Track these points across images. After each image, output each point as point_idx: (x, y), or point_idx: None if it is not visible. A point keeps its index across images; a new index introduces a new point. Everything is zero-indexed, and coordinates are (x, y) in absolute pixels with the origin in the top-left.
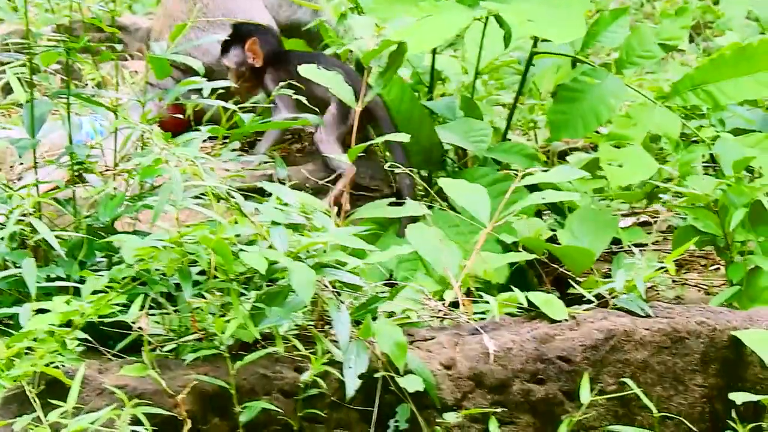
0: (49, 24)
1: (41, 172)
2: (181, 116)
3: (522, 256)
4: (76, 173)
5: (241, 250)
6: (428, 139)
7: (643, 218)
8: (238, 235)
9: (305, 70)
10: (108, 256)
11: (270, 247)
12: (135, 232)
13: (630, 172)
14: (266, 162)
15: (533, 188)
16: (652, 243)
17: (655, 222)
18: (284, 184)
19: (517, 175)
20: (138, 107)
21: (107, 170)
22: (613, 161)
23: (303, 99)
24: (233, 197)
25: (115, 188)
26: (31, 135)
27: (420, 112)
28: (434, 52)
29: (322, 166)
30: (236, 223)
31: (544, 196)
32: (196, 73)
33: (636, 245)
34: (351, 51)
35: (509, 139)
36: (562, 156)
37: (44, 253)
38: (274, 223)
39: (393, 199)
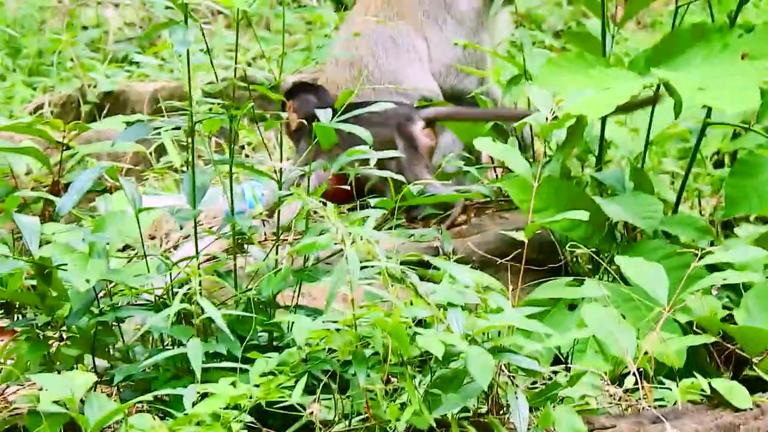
0: (200, 83)
1: (199, 243)
2: (345, 187)
3: (702, 339)
4: (237, 244)
5: (417, 333)
6: (594, 213)
7: None
8: (414, 318)
9: (480, 143)
10: (268, 331)
11: (446, 329)
12: (298, 307)
13: None
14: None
15: (710, 265)
16: None
17: None
18: (450, 258)
19: (689, 248)
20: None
21: (266, 240)
22: None
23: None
24: (408, 277)
25: (277, 260)
26: (192, 205)
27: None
28: (603, 120)
29: (492, 237)
30: (411, 303)
31: (726, 278)
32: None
33: None
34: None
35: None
36: (727, 226)
37: (204, 327)
38: (450, 304)
39: (569, 278)
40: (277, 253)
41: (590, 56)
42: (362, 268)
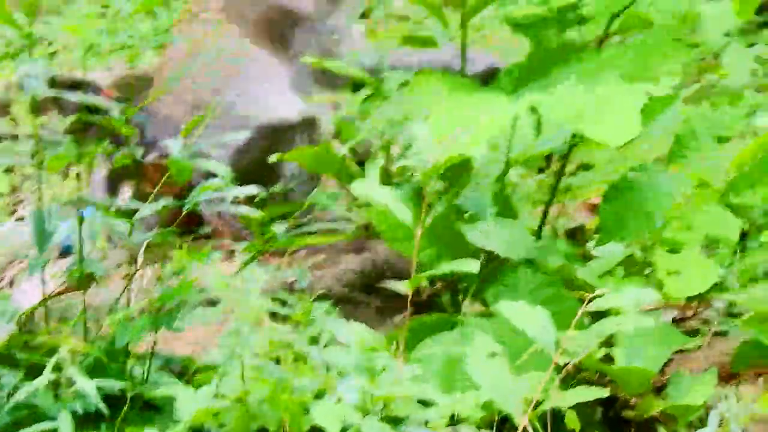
0: None
1: (31, 281)
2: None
3: (596, 393)
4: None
5: (310, 407)
6: (456, 240)
7: (677, 314)
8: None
9: (359, 188)
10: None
11: (338, 400)
12: (154, 356)
13: (690, 282)
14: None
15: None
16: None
17: (706, 325)
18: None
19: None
20: None
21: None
22: (670, 269)
23: None
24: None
25: (128, 302)
26: (40, 249)
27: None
28: None
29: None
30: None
31: (620, 323)
32: None
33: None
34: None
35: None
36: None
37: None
38: (340, 373)
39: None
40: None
41: (453, 77)
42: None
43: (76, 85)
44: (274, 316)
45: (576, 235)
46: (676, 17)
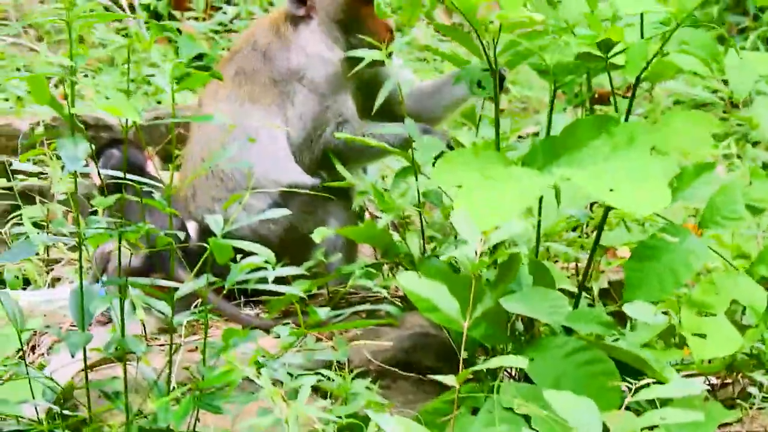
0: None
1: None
2: None
3: None
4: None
5: None
6: (494, 310)
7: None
8: None
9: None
10: None
11: None
12: None
13: (715, 345)
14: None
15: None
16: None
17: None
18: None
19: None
20: None
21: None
22: (696, 332)
23: None
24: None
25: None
26: (81, 327)
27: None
28: None
29: (390, 342)
30: None
31: (665, 417)
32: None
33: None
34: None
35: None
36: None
37: None
38: None
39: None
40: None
41: (487, 152)
42: None
43: (115, 142)
44: (315, 390)
45: (609, 293)
46: (705, 64)
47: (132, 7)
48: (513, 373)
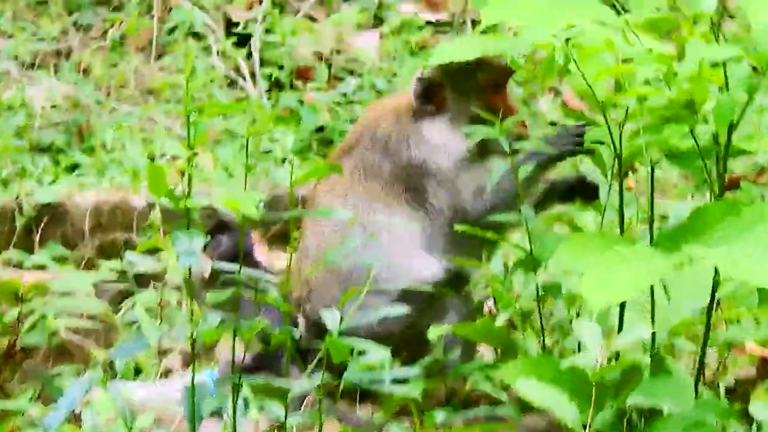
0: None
1: None
2: None
3: None
4: None
5: None
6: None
7: None
8: None
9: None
10: None
11: None
12: None
13: None
14: None
15: None
16: None
17: None
18: None
19: None
20: None
21: None
22: None
23: None
24: None
25: None
26: (191, 427)
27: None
28: (623, 305)
29: None
30: None
31: None
32: None
33: None
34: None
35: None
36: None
37: None
38: None
39: None
40: None
41: (609, 233)
42: None
43: (222, 226)
44: None
45: (737, 391)
46: None
47: (253, 76)
48: None
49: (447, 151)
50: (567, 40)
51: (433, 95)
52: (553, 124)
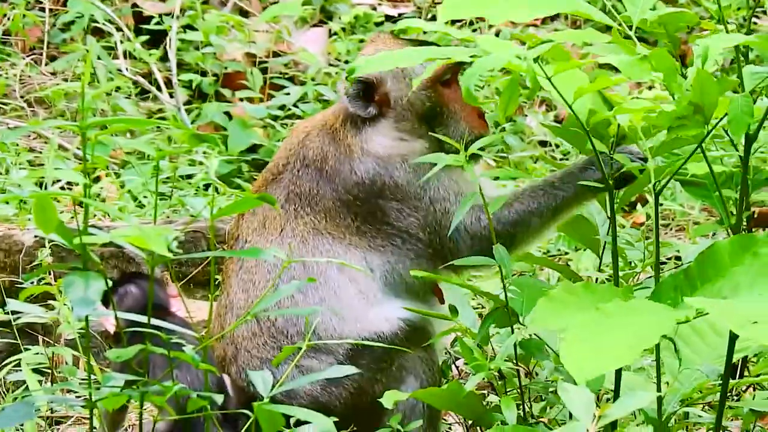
0: None
1: None
2: None
3: None
4: None
5: None
6: None
7: None
8: None
9: None
10: None
11: None
12: None
13: None
14: None
15: None
16: None
17: None
18: None
19: None
20: None
21: None
22: None
23: None
24: None
25: None
26: None
27: None
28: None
29: None
30: None
31: None
32: None
33: None
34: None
35: None
36: None
37: None
38: None
39: None
40: None
41: (599, 286)
42: None
43: (134, 276)
44: None
45: None
46: None
47: (169, 83)
48: None
49: (401, 158)
50: (535, 59)
51: (372, 96)
52: (542, 144)
